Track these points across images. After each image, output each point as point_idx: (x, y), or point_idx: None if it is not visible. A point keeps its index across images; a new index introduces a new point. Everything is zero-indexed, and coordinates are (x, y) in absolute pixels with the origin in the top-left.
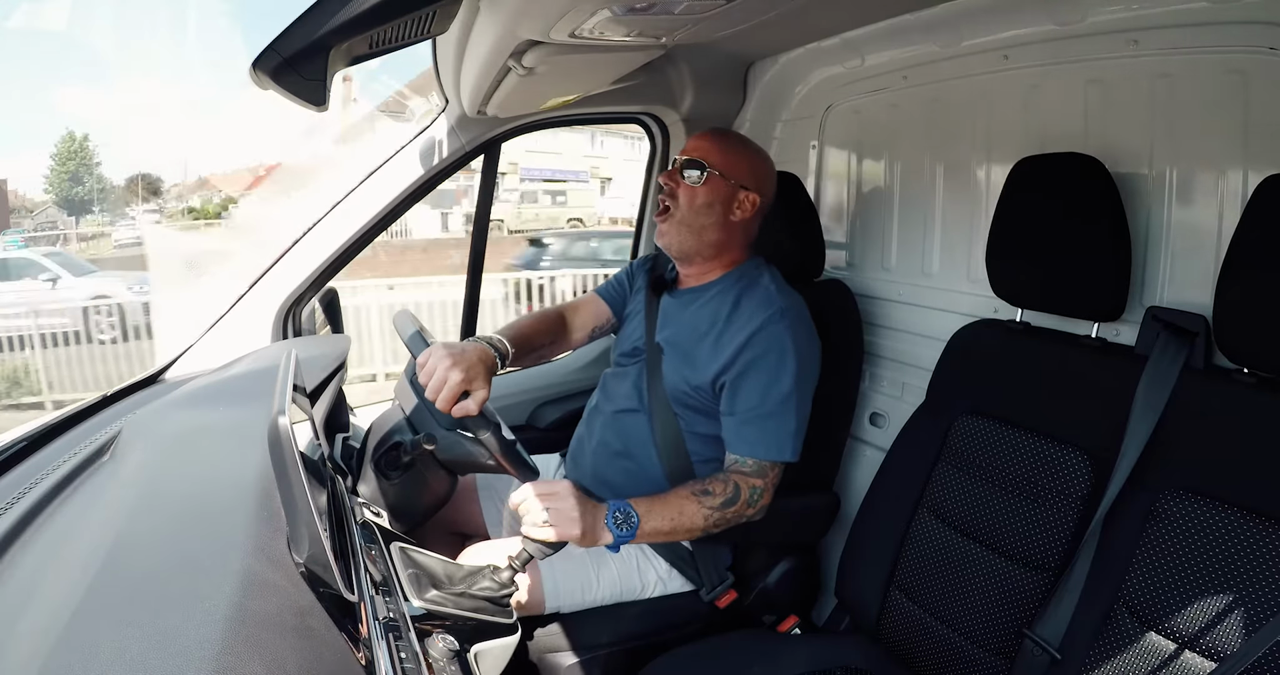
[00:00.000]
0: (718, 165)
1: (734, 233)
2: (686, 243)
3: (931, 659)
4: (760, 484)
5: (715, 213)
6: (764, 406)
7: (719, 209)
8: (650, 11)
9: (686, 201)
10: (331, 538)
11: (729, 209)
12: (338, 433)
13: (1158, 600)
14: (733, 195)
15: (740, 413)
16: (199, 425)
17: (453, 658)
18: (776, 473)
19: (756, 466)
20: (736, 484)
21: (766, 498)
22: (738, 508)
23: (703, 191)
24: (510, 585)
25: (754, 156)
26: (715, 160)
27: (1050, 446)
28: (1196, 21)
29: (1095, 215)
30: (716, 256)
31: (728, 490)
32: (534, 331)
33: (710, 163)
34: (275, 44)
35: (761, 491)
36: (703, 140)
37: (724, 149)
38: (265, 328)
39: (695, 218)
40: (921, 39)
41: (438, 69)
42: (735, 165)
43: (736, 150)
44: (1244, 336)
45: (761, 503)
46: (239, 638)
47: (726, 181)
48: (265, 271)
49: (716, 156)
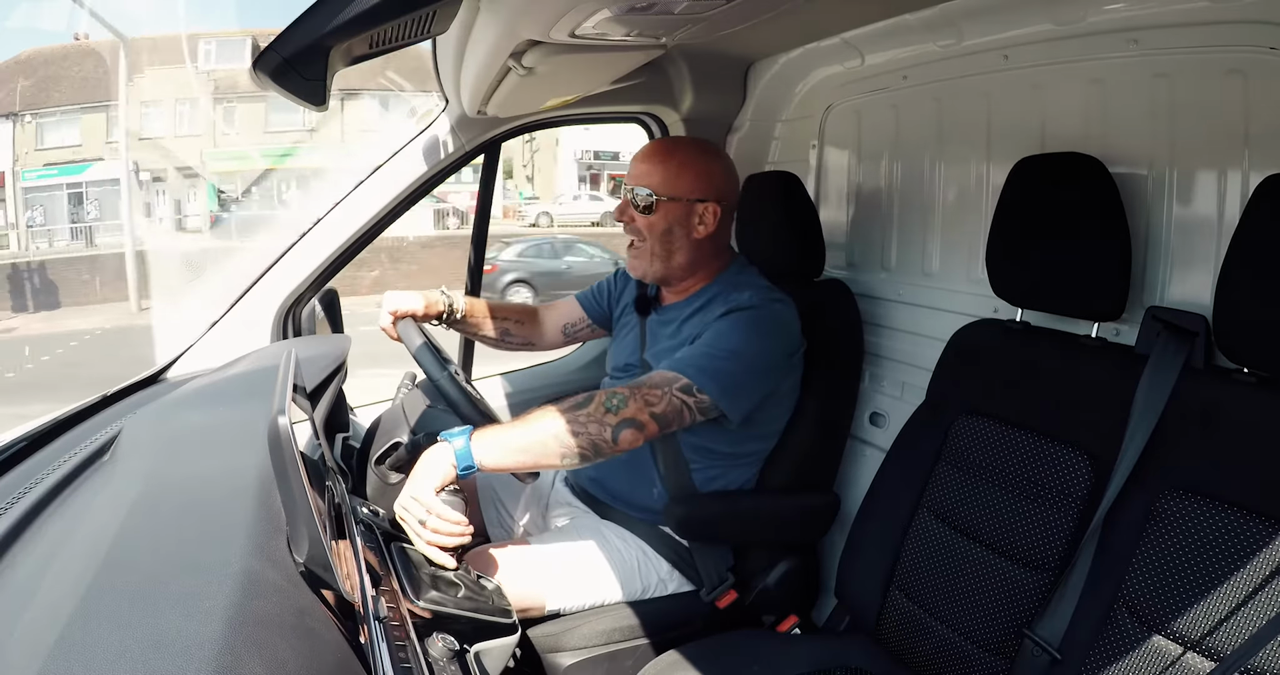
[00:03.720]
0: (663, 188)
1: (703, 247)
2: (657, 270)
3: (931, 659)
4: (624, 393)
5: (677, 235)
6: (695, 348)
7: (679, 231)
8: (650, 11)
9: (646, 231)
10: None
11: (690, 228)
12: (338, 433)
13: (1158, 600)
14: (689, 212)
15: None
16: (199, 425)
17: (453, 658)
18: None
19: (637, 379)
20: (594, 394)
21: (633, 410)
22: (590, 412)
23: (658, 219)
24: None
25: (699, 163)
26: (657, 183)
27: (1050, 446)
28: (1196, 21)
29: (1095, 215)
30: (693, 273)
31: (580, 398)
32: (500, 305)
33: (654, 188)
34: (275, 44)
35: (624, 400)
36: (642, 163)
37: (665, 168)
38: (265, 328)
39: (659, 246)
40: (921, 39)
41: (438, 69)
42: (682, 182)
43: (678, 164)
44: (1244, 336)
45: (626, 414)
46: (239, 638)
47: (678, 202)
48: (265, 271)
49: (658, 178)
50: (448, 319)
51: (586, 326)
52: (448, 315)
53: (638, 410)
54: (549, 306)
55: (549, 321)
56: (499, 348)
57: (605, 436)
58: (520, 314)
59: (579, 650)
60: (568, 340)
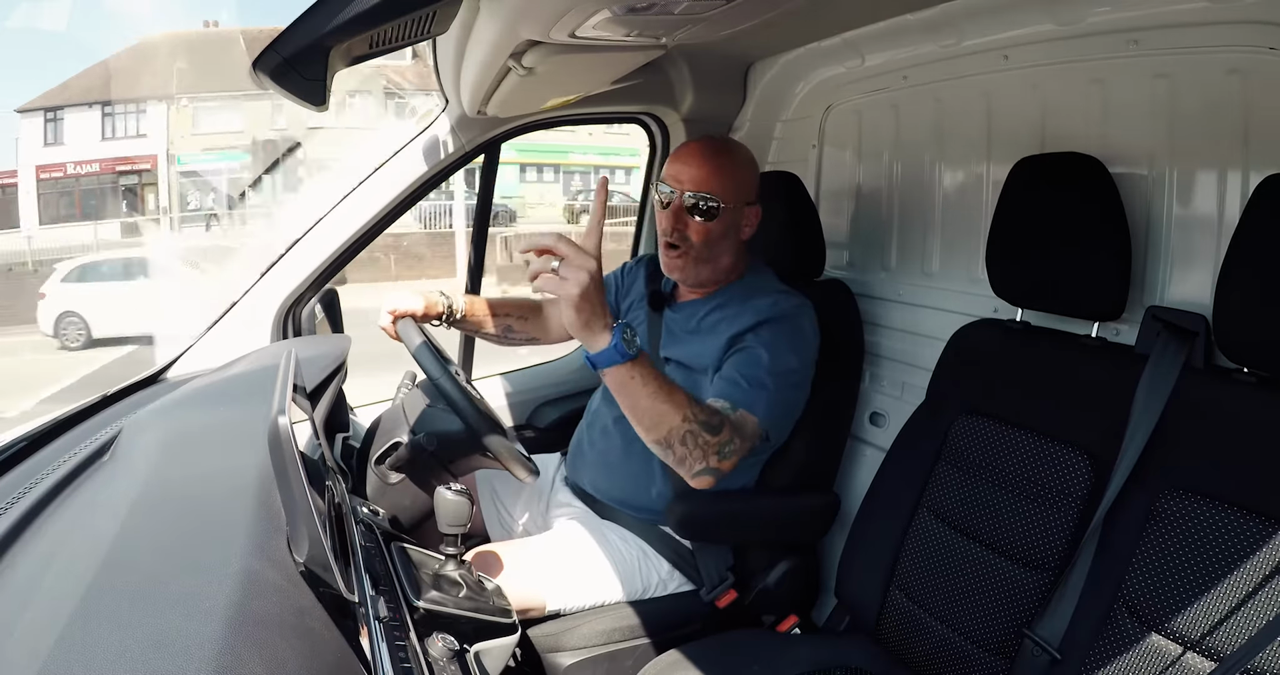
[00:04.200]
0: (725, 195)
1: (743, 248)
2: (703, 275)
3: (931, 659)
4: (736, 444)
5: (730, 240)
6: (754, 372)
7: (733, 236)
8: (650, 11)
9: (700, 238)
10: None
11: (739, 231)
12: (338, 433)
13: (1158, 600)
14: (740, 217)
15: (727, 371)
16: (199, 425)
17: (453, 658)
18: (749, 446)
19: (738, 420)
20: (726, 426)
21: (734, 459)
22: (708, 441)
23: (717, 225)
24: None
25: (747, 167)
26: (719, 189)
27: (1050, 446)
28: (1196, 21)
29: (1095, 215)
30: (732, 273)
31: (715, 420)
32: (501, 302)
33: (717, 194)
34: (275, 44)
35: (733, 452)
36: (698, 168)
37: (724, 173)
38: (265, 328)
39: (710, 250)
40: (921, 39)
41: (438, 69)
42: (739, 187)
43: (735, 169)
44: (1244, 336)
45: (726, 465)
46: (239, 638)
47: (733, 209)
48: (265, 271)
49: (719, 185)
50: (448, 319)
51: None
52: (448, 315)
53: (733, 464)
54: (552, 301)
55: (553, 316)
56: (503, 344)
57: (695, 467)
58: (523, 310)
59: (579, 650)
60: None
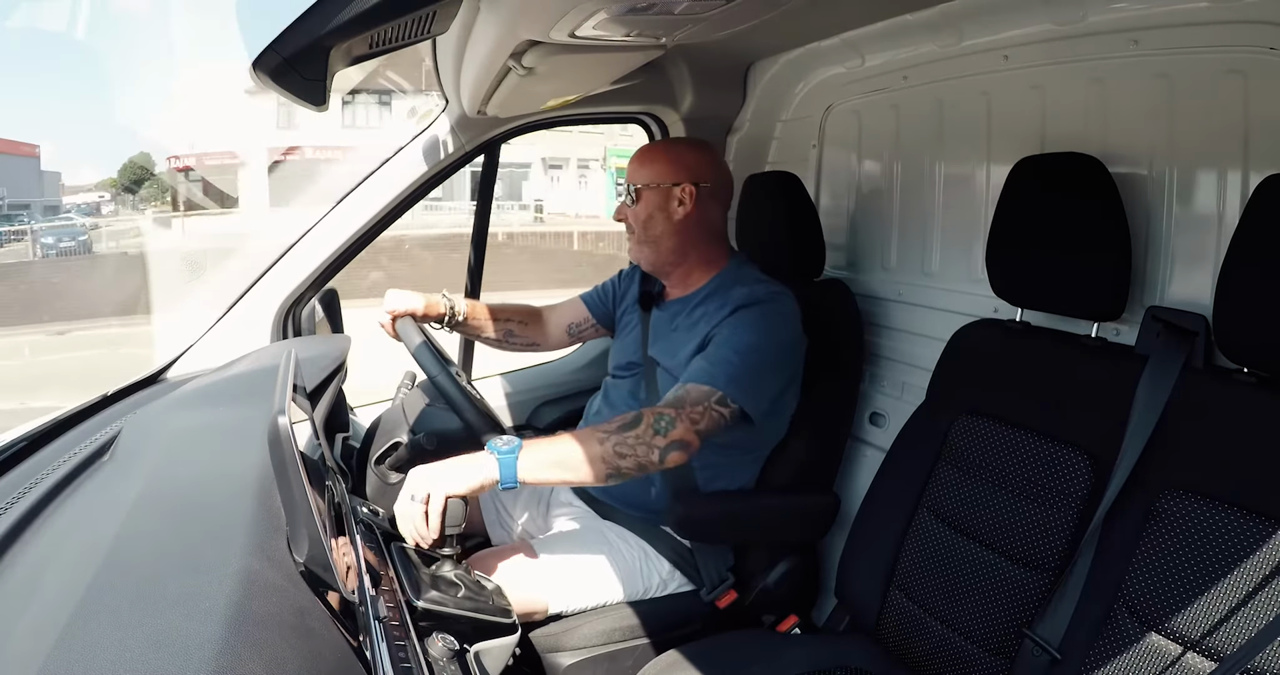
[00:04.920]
0: (640, 179)
1: (689, 230)
2: (650, 257)
3: (931, 659)
4: (671, 413)
5: (660, 220)
6: (719, 351)
7: (660, 216)
8: (650, 11)
9: (635, 222)
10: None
11: (670, 211)
12: (338, 433)
13: (1158, 600)
14: (667, 197)
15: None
16: (199, 425)
17: (453, 658)
18: (704, 411)
19: (678, 394)
20: (642, 413)
21: (680, 431)
22: (639, 433)
23: (640, 208)
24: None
25: (674, 151)
26: (636, 176)
27: (1050, 446)
28: (1196, 21)
29: (1095, 215)
30: (684, 259)
31: (628, 418)
32: (502, 307)
33: (634, 181)
34: (275, 44)
35: (671, 421)
36: (631, 164)
37: (641, 162)
38: (265, 328)
39: (646, 233)
40: (921, 39)
41: (438, 69)
42: (656, 170)
43: (654, 156)
44: (1244, 336)
45: (674, 435)
46: (239, 638)
47: (655, 189)
48: (265, 271)
49: (635, 172)
50: (449, 322)
51: (591, 326)
52: (449, 318)
53: (685, 431)
54: (552, 307)
55: (553, 322)
56: (503, 349)
57: (653, 459)
58: (524, 315)
59: (579, 650)
60: (572, 340)
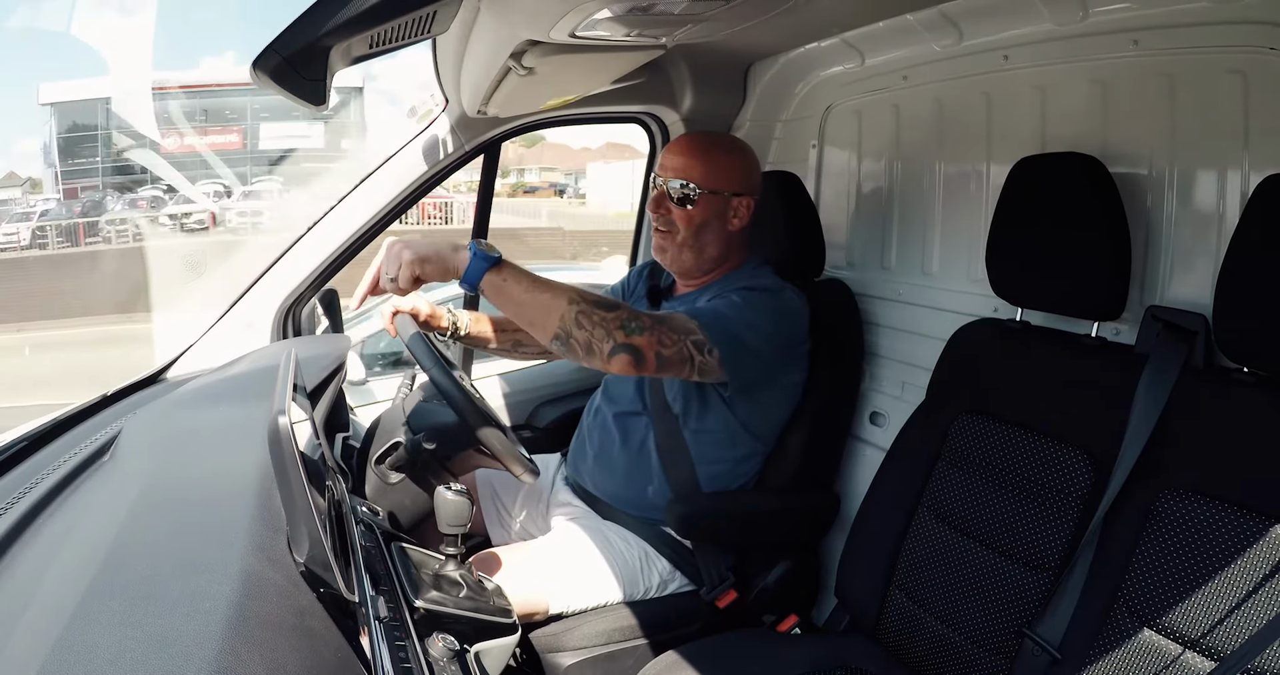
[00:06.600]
0: (704, 181)
1: (733, 241)
2: (688, 262)
3: (931, 659)
4: (647, 323)
5: (713, 229)
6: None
7: (716, 224)
8: (650, 11)
9: (683, 224)
10: (331, 538)
11: (725, 221)
12: (338, 433)
13: (1158, 600)
14: (726, 206)
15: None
16: (199, 425)
17: (453, 658)
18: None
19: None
20: (622, 305)
21: (643, 341)
22: (606, 318)
23: (696, 212)
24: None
25: (737, 157)
26: (699, 176)
27: (1050, 446)
28: (1197, 21)
29: (1095, 215)
30: (717, 267)
31: (609, 300)
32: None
33: (695, 181)
34: (275, 44)
35: (642, 329)
36: (681, 156)
37: (705, 161)
38: (265, 328)
39: (695, 238)
40: (921, 39)
41: (438, 69)
42: (721, 175)
43: (718, 158)
44: (1244, 336)
45: (636, 341)
46: (239, 638)
47: (718, 196)
48: (265, 271)
49: (699, 172)
50: (453, 335)
51: None
52: (453, 332)
53: (648, 343)
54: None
55: None
56: (513, 358)
57: (604, 348)
58: None
59: (579, 650)
60: None
